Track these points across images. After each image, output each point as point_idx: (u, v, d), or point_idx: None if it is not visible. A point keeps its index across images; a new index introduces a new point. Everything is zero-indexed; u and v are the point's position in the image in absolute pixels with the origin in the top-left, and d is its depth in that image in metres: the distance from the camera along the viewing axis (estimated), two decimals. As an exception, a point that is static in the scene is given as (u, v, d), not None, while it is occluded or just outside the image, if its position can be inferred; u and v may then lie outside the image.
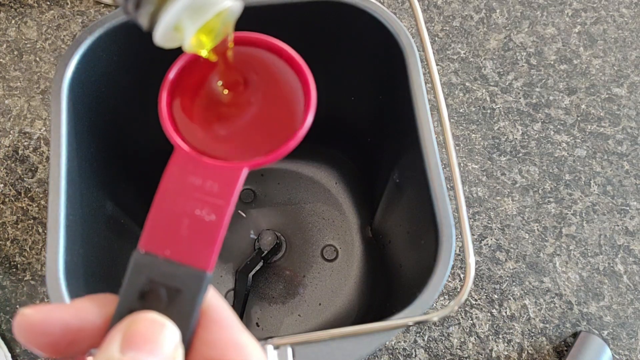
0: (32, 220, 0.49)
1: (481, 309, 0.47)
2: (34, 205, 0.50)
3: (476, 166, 0.52)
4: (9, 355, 0.44)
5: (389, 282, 0.42)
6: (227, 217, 0.18)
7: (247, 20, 0.35)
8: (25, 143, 0.52)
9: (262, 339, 0.25)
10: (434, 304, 0.47)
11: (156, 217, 0.18)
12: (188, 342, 0.17)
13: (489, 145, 0.53)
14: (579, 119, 0.54)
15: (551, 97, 0.55)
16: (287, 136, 0.20)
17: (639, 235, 0.49)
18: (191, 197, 0.18)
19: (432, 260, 0.28)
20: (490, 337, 0.46)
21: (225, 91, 0.22)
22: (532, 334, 0.46)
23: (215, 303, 0.18)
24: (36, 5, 0.58)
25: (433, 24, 0.59)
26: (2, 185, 0.51)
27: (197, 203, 0.18)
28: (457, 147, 0.53)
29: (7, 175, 0.51)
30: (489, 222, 0.50)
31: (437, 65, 0.57)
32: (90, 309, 0.17)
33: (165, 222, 0.18)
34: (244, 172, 0.19)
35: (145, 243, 0.18)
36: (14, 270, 0.47)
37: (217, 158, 0.20)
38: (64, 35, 0.57)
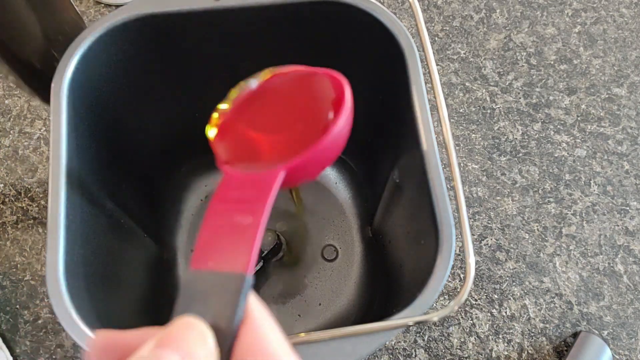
0: (32, 220, 0.49)
1: (481, 309, 0.47)
2: (34, 205, 0.50)
3: (476, 166, 0.52)
4: (9, 356, 0.44)
5: (389, 282, 0.42)
6: (264, 216, 0.19)
7: (247, 20, 0.35)
8: (25, 143, 0.52)
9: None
10: (434, 304, 0.47)
11: (203, 238, 0.19)
12: (229, 347, 0.17)
13: (489, 145, 0.53)
14: (579, 119, 0.54)
15: (551, 97, 0.55)
16: (317, 139, 0.21)
17: (639, 235, 0.49)
18: (232, 209, 0.19)
19: (432, 260, 0.28)
20: (490, 337, 0.46)
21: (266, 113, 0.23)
22: (532, 334, 0.46)
23: (257, 312, 0.18)
24: (36, 5, 0.58)
25: (433, 24, 0.59)
26: (2, 185, 0.51)
27: (236, 211, 0.19)
28: (457, 147, 0.53)
29: (7, 175, 0.51)
30: (489, 222, 0.50)
31: (437, 65, 0.57)
32: (154, 332, 0.18)
33: (210, 237, 0.19)
34: (280, 175, 0.20)
35: (194, 262, 0.19)
36: (14, 270, 0.47)
37: (255, 164, 0.21)
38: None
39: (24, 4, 0.37)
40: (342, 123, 0.21)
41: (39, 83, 0.43)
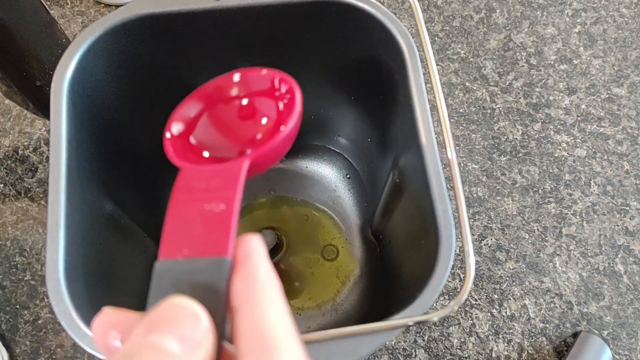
0: (32, 220, 0.49)
1: (481, 309, 0.47)
2: (34, 205, 0.50)
3: (476, 166, 0.52)
4: (6, 356, 0.44)
5: (389, 282, 0.42)
6: (236, 203, 0.19)
7: (247, 20, 0.35)
8: (25, 143, 0.52)
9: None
10: (434, 304, 0.47)
11: (171, 227, 0.19)
12: (219, 330, 0.17)
13: (489, 145, 0.53)
14: (579, 119, 0.54)
15: (551, 97, 0.55)
16: (278, 132, 0.22)
17: (639, 235, 0.49)
18: (199, 198, 0.19)
19: (432, 260, 0.28)
20: (490, 337, 0.46)
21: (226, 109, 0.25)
22: (532, 334, 0.46)
23: (257, 287, 0.17)
24: (36, 5, 0.58)
25: (433, 24, 0.59)
26: (2, 185, 0.51)
27: (205, 200, 0.19)
28: (457, 147, 0.53)
29: (7, 175, 0.51)
30: (489, 222, 0.50)
31: (437, 65, 0.57)
32: None
33: (179, 227, 0.19)
34: (245, 164, 0.20)
35: (164, 253, 0.18)
36: (14, 270, 0.47)
37: (219, 161, 0.21)
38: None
39: (23, 31, 0.41)
40: (294, 124, 0.22)
41: (35, 97, 0.45)
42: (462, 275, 0.48)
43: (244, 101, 0.24)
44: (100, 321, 0.17)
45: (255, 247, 0.18)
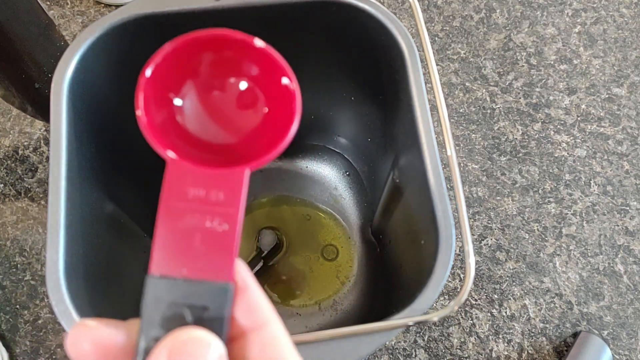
0: (32, 220, 0.49)
1: (481, 309, 0.47)
2: (34, 205, 0.50)
3: (476, 166, 0.52)
4: (6, 356, 0.44)
5: (389, 282, 0.42)
6: (239, 224, 0.18)
7: (247, 20, 0.35)
8: (25, 143, 0.52)
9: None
10: (434, 304, 0.47)
11: (164, 237, 0.18)
12: None
13: (489, 145, 0.53)
14: (579, 119, 0.54)
15: (551, 97, 0.55)
16: (281, 133, 0.19)
17: (639, 235, 0.49)
18: (198, 210, 0.18)
19: (432, 260, 0.28)
20: (490, 337, 0.46)
21: (215, 96, 0.21)
22: (532, 334, 0.46)
23: (269, 316, 0.17)
24: (36, 5, 0.58)
25: (433, 24, 0.59)
26: (2, 185, 0.51)
27: (206, 215, 0.18)
28: (457, 147, 0.53)
29: (7, 175, 0.51)
30: (489, 222, 0.50)
31: (437, 65, 0.57)
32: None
33: (175, 240, 0.17)
34: (247, 174, 0.18)
35: (158, 266, 0.17)
36: (14, 270, 0.47)
37: (215, 164, 0.19)
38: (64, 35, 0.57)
39: (23, 33, 0.41)
40: (296, 128, 0.19)
41: (34, 100, 0.45)
42: (462, 275, 0.48)
43: (243, 78, 0.21)
44: (75, 334, 0.16)
45: (247, 273, 0.18)
